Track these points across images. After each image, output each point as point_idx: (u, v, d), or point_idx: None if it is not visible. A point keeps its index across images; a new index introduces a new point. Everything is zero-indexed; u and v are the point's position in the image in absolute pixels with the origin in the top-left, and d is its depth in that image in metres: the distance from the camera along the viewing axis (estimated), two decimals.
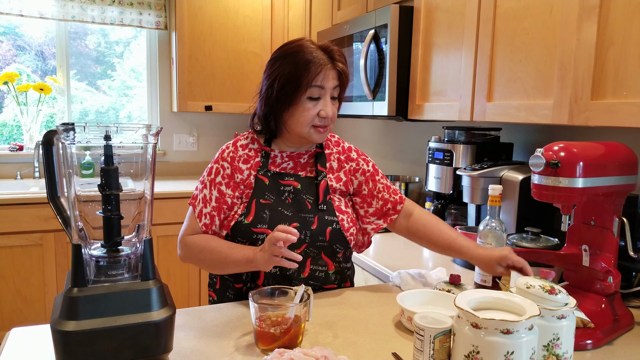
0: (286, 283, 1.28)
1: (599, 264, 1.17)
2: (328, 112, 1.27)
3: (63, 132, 0.79)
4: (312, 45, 1.27)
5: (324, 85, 1.25)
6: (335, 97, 1.31)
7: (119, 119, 3.64)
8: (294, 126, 1.28)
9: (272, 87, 1.27)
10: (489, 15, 1.56)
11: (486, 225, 1.36)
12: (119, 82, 3.62)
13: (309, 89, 1.24)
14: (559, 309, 0.92)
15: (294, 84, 1.24)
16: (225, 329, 1.10)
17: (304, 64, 1.24)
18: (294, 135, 1.31)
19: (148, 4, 3.36)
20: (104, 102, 3.59)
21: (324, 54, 1.27)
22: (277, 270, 1.27)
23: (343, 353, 1.00)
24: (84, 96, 3.53)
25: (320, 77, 1.24)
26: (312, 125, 1.28)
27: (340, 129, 3.41)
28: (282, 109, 1.28)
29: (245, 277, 1.30)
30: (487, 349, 0.83)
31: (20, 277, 2.70)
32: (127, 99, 3.65)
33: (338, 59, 1.28)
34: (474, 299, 0.92)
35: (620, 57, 1.17)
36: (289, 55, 1.26)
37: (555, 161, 1.07)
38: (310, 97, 1.25)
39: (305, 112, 1.26)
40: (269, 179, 1.31)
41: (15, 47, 3.29)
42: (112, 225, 0.84)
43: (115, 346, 0.79)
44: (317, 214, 1.30)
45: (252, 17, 3.35)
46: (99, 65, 3.54)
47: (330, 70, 1.26)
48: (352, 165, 1.41)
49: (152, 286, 0.83)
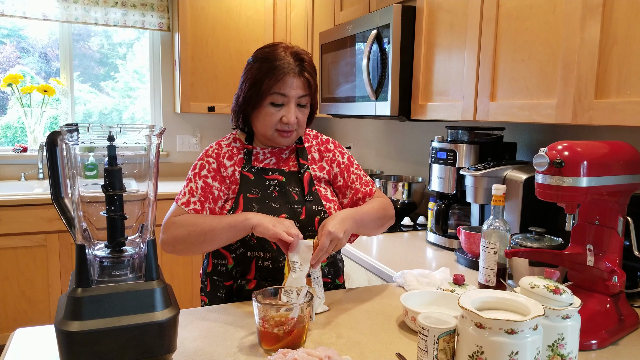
0: (279, 276, 1.29)
1: (603, 263, 1.16)
2: (290, 119, 1.28)
3: (67, 133, 0.80)
4: (282, 53, 1.28)
5: (286, 93, 1.27)
6: (304, 104, 1.32)
7: (122, 120, 3.65)
8: (259, 128, 1.33)
9: (242, 88, 1.32)
10: (491, 14, 1.56)
11: (490, 225, 1.35)
12: (122, 83, 3.63)
13: (271, 95, 1.27)
14: (563, 308, 0.91)
15: (257, 89, 1.27)
16: (229, 330, 1.10)
17: (268, 70, 1.26)
18: (261, 137, 1.35)
19: (151, 5, 3.36)
20: (107, 104, 3.60)
21: (294, 61, 1.28)
22: (268, 263, 1.29)
23: (347, 353, 1.00)
24: (88, 98, 3.54)
25: (282, 86, 1.26)
26: (276, 130, 1.30)
27: (343, 130, 3.41)
28: (249, 110, 1.32)
29: (235, 273, 1.31)
30: (491, 349, 0.83)
31: (25, 278, 2.71)
32: (130, 100, 3.66)
33: (307, 67, 1.30)
34: (478, 299, 0.92)
35: (624, 55, 1.17)
36: (259, 60, 1.30)
37: (559, 160, 1.06)
38: (273, 103, 1.28)
39: (267, 116, 1.29)
40: (254, 175, 1.34)
41: (19, 49, 3.31)
42: (115, 226, 0.84)
43: (119, 346, 0.79)
44: (305, 205, 1.33)
45: (255, 18, 3.35)
46: (102, 67, 3.55)
47: (294, 79, 1.27)
48: (329, 155, 1.44)
49: (155, 286, 0.83)
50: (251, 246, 1.28)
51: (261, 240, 1.27)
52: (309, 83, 1.30)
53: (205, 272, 1.39)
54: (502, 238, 1.35)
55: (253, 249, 1.29)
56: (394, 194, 2.32)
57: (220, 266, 1.34)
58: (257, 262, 1.29)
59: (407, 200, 2.30)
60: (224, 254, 1.33)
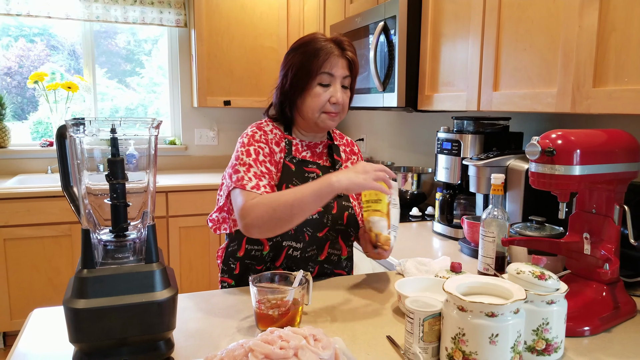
0: (303, 265, 1.35)
1: (599, 251, 1.17)
2: (338, 98, 1.32)
3: (72, 127, 0.85)
4: (322, 37, 1.35)
5: (333, 73, 1.32)
6: (346, 86, 1.36)
7: (147, 115, 3.75)
8: (306, 112, 1.34)
9: (287, 76, 1.35)
10: (494, 3, 1.57)
11: (489, 214, 1.37)
12: (147, 79, 3.73)
13: (319, 75, 1.31)
14: (548, 294, 0.93)
15: (305, 71, 1.31)
16: (230, 312, 1.15)
17: (313, 52, 1.31)
18: (307, 122, 1.37)
19: (168, 2, 3.44)
20: (133, 99, 3.71)
21: (333, 44, 1.34)
22: (297, 253, 1.34)
23: (339, 335, 1.04)
24: (115, 93, 3.65)
25: (329, 64, 1.31)
26: (323, 112, 1.34)
27: (357, 122, 3.43)
28: (296, 95, 1.35)
29: (267, 258, 1.35)
30: (472, 331, 0.86)
31: (51, 266, 2.83)
32: (155, 96, 3.76)
33: (347, 48, 1.35)
34: (464, 284, 0.95)
35: (622, 43, 1.17)
36: (301, 46, 1.35)
37: (550, 149, 1.08)
38: (321, 84, 1.32)
39: (316, 97, 1.32)
40: (295, 165, 1.37)
41: (49, 47, 3.44)
42: (118, 212, 0.90)
43: (122, 323, 0.85)
44: (336, 199, 1.38)
45: (268, 13, 3.40)
46: (128, 63, 3.66)
47: (339, 59, 1.32)
48: (354, 158, 1.51)
49: (155, 268, 0.88)
50: (287, 236, 1.32)
51: (297, 232, 1.31)
52: (351, 64, 1.35)
53: (234, 255, 1.39)
54: (501, 227, 1.36)
55: (288, 239, 1.33)
56: (403, 185, 2.34)
57: (255, 251, 1.35)
58: (289, 250, 1.34)
59: (417, 191, 2.33)
60: (261, 241, 1.34)
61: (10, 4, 3.06)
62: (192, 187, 3.09)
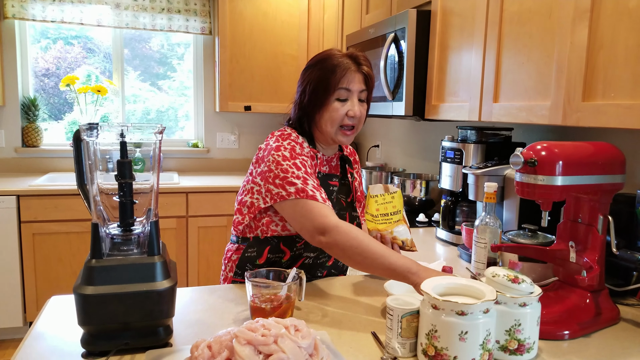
0: (313, 270, 1.45)
1: (582, 259, 1.21)
2: (356, 112, 1.38)
3: (86, 131, 0.96)
4: (338, 53, 1.41)
5: (350, 88, 1.38)
6: (363, 99, 1.42)
7: (177, 118, 3.91)
8: (324, 126, 1.39)
9: (305, 92, 1.41)
10: (495, 18, 1.62)
11: (481, 221, 1.42)
12: (178, 82, 3.89)
13: (337, 90, 1.37)
14: (521, 296, 0.99)
15: (323, 87, 1.37)
16: (230, 305, 1.24)
17: (331, 69, 1.37)
18: (324, 136, 1.42)
19: (194, 11, 3.59)
20: (164, 102, 3.88)
21: (349, 59, 1.39)
22: (310, 260, 1.43)
23: (328, 330, 1.11)
24: (147, 96, 3.82)
25: (346, 80, 1.37)
26: (340, 126, 1.39)
27: (373, 129, 3.50)
28: (314, 111, 1.40)
29: (284, 266, 1.41)
30: (443, 328, 0.92)
31: (76, 260, 2.99)
32: (185, 99, 3.92)
33: (363, 63, 1.41)
34: (442, 285, 1.01)
35: (609, 59, 1.21)
36: (318, 63, 1.41)
37: (532, 160, 1.13)
38: (339, 99, 1.38)
39: (334, 112, 1.37)
40: (320, 180, 1.43)
41: (86, 50, 3.63)
42: (126, 209, 1.00)
43: (125, 309, 0.94)
44: (348, 210, 1.46)
45: (290, 21, 3.50)
46: (161, 66, 3.83)
47: (355, 74, 1.38)
48: (357, 167, 1.60)
49: (156, 260, 0.98)
50: (309, 248, 1.42)
51: None
52: (368, 78, 1.41)
53: (253, 262, 1.41)
54: (493, 233, 1.42)
55: (308, 251, 1.43)
56: (412, 191, 2.40)
57: (275, 258, 1.41)
58: (305, 259, 1.44)
59: (425, 197, 2.38)
60: (284, 250, 1.39)
61: (46, 11, 3.25)
62: (212, 188, 3.21)
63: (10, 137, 3.38)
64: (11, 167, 3.40)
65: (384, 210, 1.31)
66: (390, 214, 1.31)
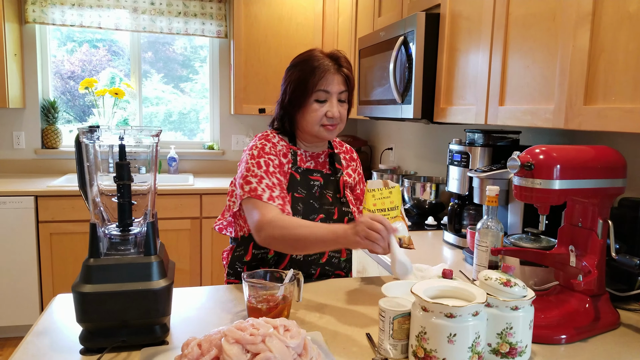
0: (305, 267, 1.45)
1: (581, 263, 1.20)
2: (334, 113, 1.41)
3: (85, 134, 0.99)
4: (320, 54, 1.43)
5: (329, 90, 1.40)
6: (343, 100, 1.44)
7: (199, 120, 3.98)
8: (305, 125, 1.43)
9: (286, 92, 1.44)
10: (501, 21, 1.61)
11: (483, 224, 1.42)
12: (199, 84, 3.96)
13: (315, 92, 1.39)
14: (512, 300, 0.99)
15: (302, 88, 1.40)
16: (229, 305, 1.27)
17: (310, 71, 1.39)
18: (306, 134, 1.46)
19: (210, 14, 3.64)
20: (187, 104, 3.95)
21: (330, 60, 1.41)
22: (300, 256, 1.44)
23: (323, 331, 1.13)
24: (170, 98, 3.90)
25: (325, 82, 1.39)
26: (321, 125, 1.42)
27: (386, 132, 3.50)
28: (295, 110, 1.43)
29: (272, 262, 1.45)
30: (432, 330, 0.93)
31: None
32: (206, 101, 3.98)
33: (343, 64, 1.43)
34: (434, 287, 1.02)
35: (610, 62, 1.20)
36: (299, 63, 1.43)
37: (529, 163, 1.13)
38: (317, 100, 1.40)
39: (313, 113, 1.40)
40: (300, 175, 1.45)
41: (111, 53, 3.73)
42: (124, 210, 1.03)
43: (121, 307, 0.97)
44: (337, 206, 1.47)
45: (304, 24, 3.53)
46: (184, 69, 3.90)
47: (335, 75, 1.40)
48: (354, 164, 1.59)
49: (153, 260, 1.00)
50: None
51: None
52: (347, 79, 1.43)
53: (241, 260, 1.46)
54: (495, 237, 1.41)
55: None
56: (421, 194, 2.39)
57: (261, 255, 1.44)
58: (293, 255, 1.43)
59: (435, 200, 2.37)
60: None
61: (66, 15, 3.34)
62: (226, 190, 3.24)
63: (30, 138, 3.48)
64: (31, 168, 3.50)
65: (381, 205, 1.30)
66: (387, 209, 1.31)
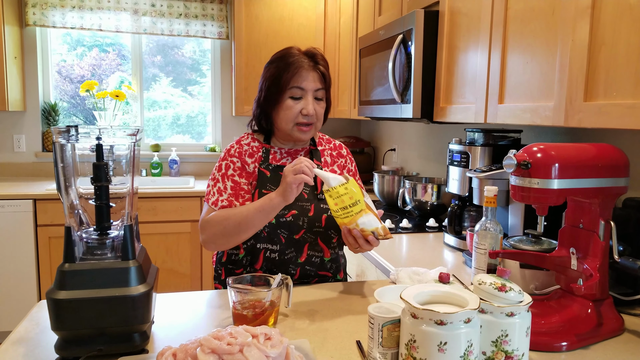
0: (283, 267, 1.40)
1: (583, 266, 1.15)
2: (309, 110, 1.38)
3: (62, 133, 0.96)
4: (296, 51, 1.41)
5: (303, 87, 1.38)
6: (320, 98, 1.42)
7: (206, 123, 3.96)
8: (280, 123, 1.42)
9: (262, 89, 1.43)
10: (500, 17, 1.56)
11: (481, 226, 1.37)
12: (207, 87, 3.94)
13: (290, 89, 1.38)
14: (507, 306, 0.93)
15: (276, 84, 1.38)
16: (216, 311, 1.22)
17: (284, 67, 1.38)
18: (282, 132, 1.44)
19: (211, 15, 3.62)
20: (194, 107, 3.94)
21: (306, 57, 1.39)
22: (275, 255, 1.39)
23: (312, 338, 1.08)
24: (178, 101, 3.89)
25: (300, 78, 1.37)
26: (296, 124, 1.39)
27: (388, 132, 3.45)
28: (270, 108, 1.42)
29: (245, 262, 1.43)
30: (422, 338, 0.88)
31: None
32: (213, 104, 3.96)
33: (319, 62, 1.40)
34: (425, 292, 0.97)
35: (611, 57, 1.14)
36: (275, 60, 1.42)
37: (525, 162, 1.08)
38: (292, 97, 1.38)
39: (287, 110, 1.38)
40: (270, 172, 1.44)
41: (120, 57, 3.72)
42: (102, 213, 0.99)
43: (98, 314, 0.93)
44: (314, 202, 1.43)
45: (306, 25, 3.49)
46: (193, 72, 3.89)
47: (310, 72, 1.38)
48: (342, 161, 1.54)
49: (131, 265, 0.96)
50: (261, 238, 1.40)
51: (271, 234, 1.38)
52: (324, 76, 1.41)
53: (220, 261, 1.50)
54: (494, 239, 1.36)
55: (262, 241, 1.40)
56: (423, 196, 2.34)
57: (234, 255, 1.45)
58: (266, 253, 1.40)
59: (436, 202, 2.32)
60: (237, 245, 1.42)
61: (66, 18, 3.34)
62: None
63: (30, 142, 3.47)
64: (31, 172, 3.49)
65: (341, 203, 1.23)
66: (349, 206, 1.23)
